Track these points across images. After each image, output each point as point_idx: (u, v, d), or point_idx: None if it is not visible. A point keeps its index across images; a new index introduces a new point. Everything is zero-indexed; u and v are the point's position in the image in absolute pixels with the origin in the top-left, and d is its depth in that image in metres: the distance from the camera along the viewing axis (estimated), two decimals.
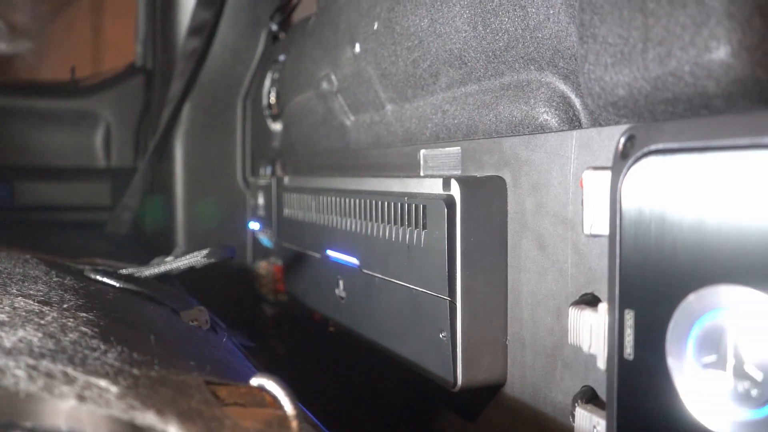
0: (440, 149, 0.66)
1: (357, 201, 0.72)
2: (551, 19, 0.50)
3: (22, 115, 1.31)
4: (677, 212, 0.34)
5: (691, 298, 0.34)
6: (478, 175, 0.59)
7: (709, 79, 0.34)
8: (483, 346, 0.56)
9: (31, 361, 0.31)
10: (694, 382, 0.34)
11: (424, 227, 0.59)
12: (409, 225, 0.61)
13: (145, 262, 0.77)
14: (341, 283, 0.78)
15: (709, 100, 0.35)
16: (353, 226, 0.74)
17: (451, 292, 0.55)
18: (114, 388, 0.30)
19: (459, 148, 0.63)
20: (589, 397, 0.46)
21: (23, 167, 1.31)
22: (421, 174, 0.69)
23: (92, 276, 0.63)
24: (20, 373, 0.30)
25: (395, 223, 0.64)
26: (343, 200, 0.76)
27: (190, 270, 0.74)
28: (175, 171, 1.33)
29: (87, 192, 1.35)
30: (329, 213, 0.80)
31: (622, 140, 0.39)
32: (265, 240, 1.19)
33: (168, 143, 1.34)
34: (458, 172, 0.63)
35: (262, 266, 1.21)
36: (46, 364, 0.31)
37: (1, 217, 1.27)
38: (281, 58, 1.20)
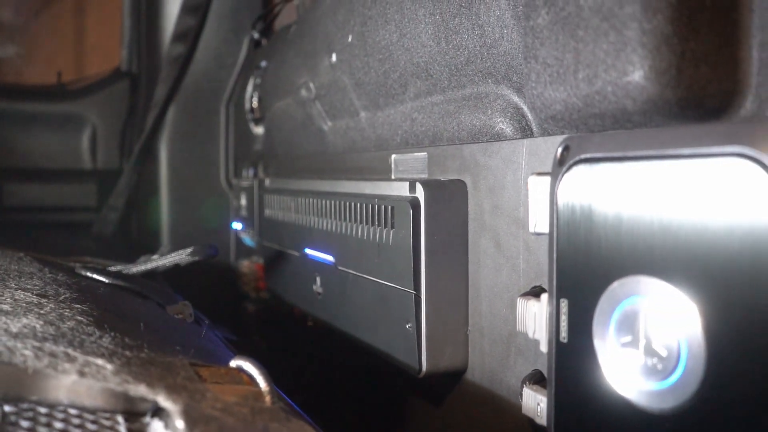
0: (409, 154, 0.71)
1: (333, 202, 0.77)
2: (505, 38, 0.55)
3: (9, 118, 1.34)
4: (603, 213, 0.40)
5: (613, 287, 0.39)
6: (441, 178, 0.64)
7: (627, 98, 0.39)
8: (445, 336, 0.61)
9: (36, 344, 0.36)
10: (614, 359, 0.39)
11: (393, 227, 0.64)
12: (379, 225, 0.66)
13: (131, 260, 0.82)
14: (318, 279, 0.83)
15: (629, 116, 0.40)
16: (329, 226, 0.78)
17: (416, 286, 0.60)
18: (110, 366, 0.35)
19: (426, 153, 0.68)
20: (537, 378, 0.51)
21: (10, 169, 1.34)
22: (392, 177, 0.74)
23: (83, 273, 0.67)
24: (28, 353, 0.34)
25: (367, 223, 0.69)
26: (320, 201, 0.81)
27: (175, 268, 0.78)
28: (160, 173, 1.37)
29: (73, 193, 1.38)
30: (307, 214, 0.85)
31: (560, 149, 0.44)
32: (248, 239, 1.23)
33: (153, 146, 1.37)
34: (425, 176, 0.68)
35: (245, 265, 1.26)
36: (49, 345, 0.36)
37: None
38: (263, 64, 1.24)
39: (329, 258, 0.79)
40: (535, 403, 0.48)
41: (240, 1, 1.38)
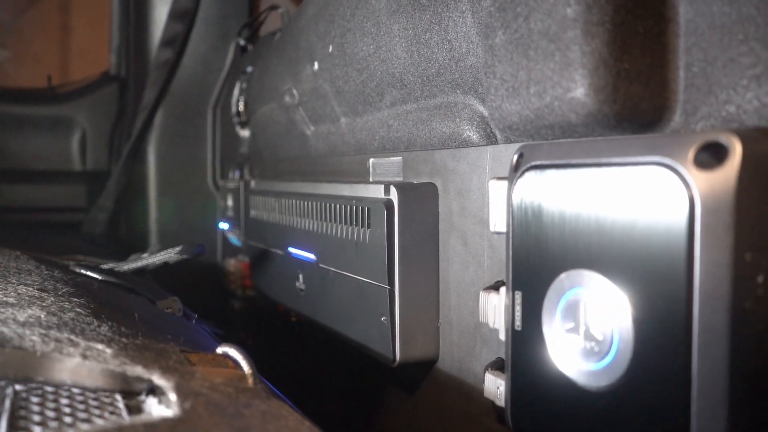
0: (386, 159, 0.75)
1: (314, 203, 0.81)
2: (471, 53, 0.59)
3: (0, 121, 1.37)
4: (550, 213, 0.45)
5: (559, 279, 0.44)
6: (415, 181, 0.69)
7: (571, 112, 0.44)
8: (418, 328, 0.66)
9: (42, 331, 0.40)
10: (559, 343, 0.44)
11: (369, 226, 0.68)
12: (357, 225, 0.71)
13: (121, 259, 0.86)
14: (301, 276, 0.87)
15: (574, 128, 0.45)
16: (311, 226, 0.83)
17: (390, 282, 0.65)
18: (109, 350, 0.39)
19: (401, 158, 0.72)
20: (499, 365, 0.56)
21: (2, 170, 1.37)
22: (370, 180, 0.79)
23: (77, 270, 0.71)
24: (35, 338, 0.39)
25: (346, 223, 0.73)
26: (302, 203, 0.85)
27: (164, 267, 0.82)
28: (149, 174, 1.41)
29: (64, 194, 1.42)
30: (291, 214, 0.89)
31: (515, 157, 0.48)
32: (234, 239, 1.27)
33: (141, 148, 1.41)
34: (400, 179, 0.73)
35: (231, 264, 1.30)
36: (54, 332, 0.40)
37: None
38: (249, 69, 1.28)
39: (311, 256, 0.83)
40: (495, 386, 0.53)
41: (227, 7, 1.42)
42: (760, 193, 0.35)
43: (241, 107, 1.30)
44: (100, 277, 0.70)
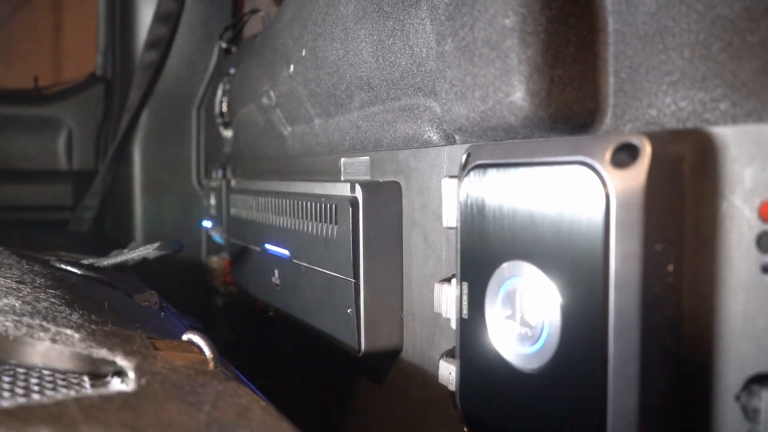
0: (355, 158, 0.79)
1: (288, 201, 0.85)
2: (430, 58, 0.63)
3: None
4: (491, 209, 0.48)
5: (500, 270, 0.47)
6: (381, 180, 0.72)
7: (511, 115, 0.47)
8: (382, 319, 0.69)
9: (15, 317, 0.43)
10: (499, 329, 0.47)
11: (336, 223, 0.71)
12: (326, 221, 0.74)
13: (104, 255, 0.88)
14: (276, 272, 0.91)
15: (515, 129, 0.49)
16: (286, 223, 0.86)
17: (356, 275, 0.68)
18: (77, 335, 0.42)
19: (368, 157, 0.76)
20: (453, 353, 0.60)
21: None
22: (342, 178, 0.82)
23: (57, 265, 0.74)
24: (9, 324, 0.42)
25: (316, 220, 0.77)
26: (278, 201, 0.88)
27: (151, 264, 0.85)
28: (134, 174, 1.44)
29: (50, 193, 1.44)
30: (267, 212, 0.93)
31: (464, 157, 0.52)
32: (217, 237, 1.30)
33: (127, 148, 1.44)
34: (368, 177, 0.76)
35: (214, 261, 1.33)
36: (26, 319, 0.43)
37: None
38: (231, 71, 1.31)
39: (286, 252, 0.87)
40: (448, 372, 0.57)
41: (211, 10, 1.45)
42: (668, 190, 0.38)
43: (224, 108, 1.34)
44: (79, 272, 0.73)
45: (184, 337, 0.50)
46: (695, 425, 0.40)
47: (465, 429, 0.53)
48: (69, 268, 0.74)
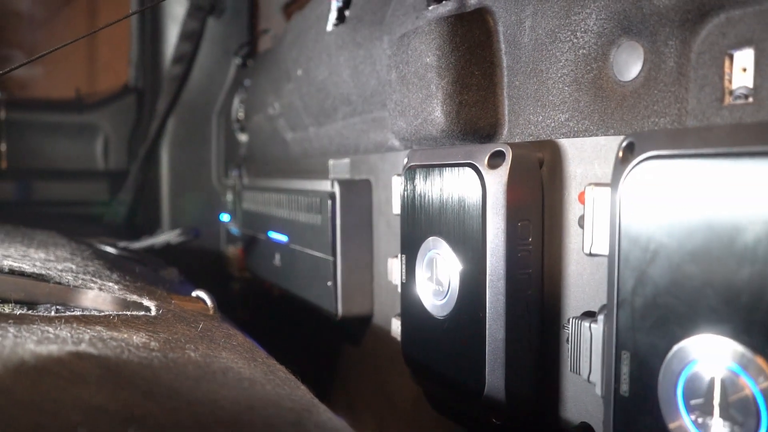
0: (340, 161, 0.95)
1: (287, 196, 1.02)
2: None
3: (35, 127, 1.60)
4: (419, 198, 0.64)
5: (425, 243, 0.63)
6: (356, 178, 0.89)
7: (433, 129, 0.64)
8: (355, 290, 0.86)
9: (73, 275, 0.61)
10: (423, 288, 0.63)
11: (320, 213, 0.88)
12: (313, 212, 0.91)
13: (135, 240, 1.07)
14: (277, 256, 1.08)
15: (436, 139, 0.65)
16: (285, 214, 1.03)
17: (334, 255, 0.85)
18: (117, 287, 0.60)
19: (349, 159, 0.92)
20: None
21: (37, 169, 1.60)
22: (330, 177, 0.99)
23: (97, 246, 0.93)
24: (70, 277, 0.59)
25: (306, 211, 0.94)
26: (279, 196, 1.06)
27: (171, 250, 1.03)
28: (162, 173, 1.63)
29: (89, 190, 1.65)
30: (270, 205, 1.10)
31: (405, 160, 0.68)
32: (233, 229, 1.48)
33: (156, 150, 1.63)
34: (348, 176, 0.92)
35: (230, 250, 1.51)
36: (81, 276, 0.61)
37: (22, 210, 1.56)
38: (246, 82, 1.49)
39: (284, 238, 1.04)
40: (396, 327, 0.73)
41: (229, 29, 1.63)
42: (527, 183, 0.54)
43: (241, 115, 1.52)
44: (114, 252, 0.91)
45: (193, 294, 0.67)
46: (547, 348, 0.55)
47: (409, 369, 0.69)
48: (107, 249, 0.92)
